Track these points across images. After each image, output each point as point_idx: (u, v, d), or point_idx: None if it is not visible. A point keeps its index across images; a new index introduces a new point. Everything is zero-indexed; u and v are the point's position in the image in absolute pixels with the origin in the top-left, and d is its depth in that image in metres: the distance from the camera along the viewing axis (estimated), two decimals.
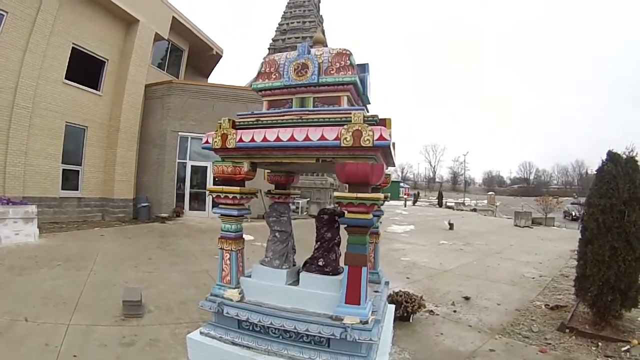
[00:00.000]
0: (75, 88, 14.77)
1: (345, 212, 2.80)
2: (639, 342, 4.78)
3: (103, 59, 15.88)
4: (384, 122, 2.78)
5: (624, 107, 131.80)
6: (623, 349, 4.66)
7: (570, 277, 7.00)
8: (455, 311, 6.04)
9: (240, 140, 2.95)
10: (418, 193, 63.25)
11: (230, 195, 3.09)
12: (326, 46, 3.46)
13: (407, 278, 7.80)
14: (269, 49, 32.24)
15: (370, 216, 2.80)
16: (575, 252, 5.78)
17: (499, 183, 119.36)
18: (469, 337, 5.01)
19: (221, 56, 24.34)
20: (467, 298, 6.69)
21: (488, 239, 15.56)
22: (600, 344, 4.84)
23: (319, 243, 3.25)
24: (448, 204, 48.09)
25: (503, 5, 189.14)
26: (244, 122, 3.09)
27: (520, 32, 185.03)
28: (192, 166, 17.26)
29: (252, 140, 2.90)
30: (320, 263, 3.18)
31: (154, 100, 17.19)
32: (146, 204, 16.14)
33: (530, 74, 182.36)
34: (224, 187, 3.11)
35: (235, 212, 3.14)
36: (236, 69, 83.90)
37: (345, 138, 2.64)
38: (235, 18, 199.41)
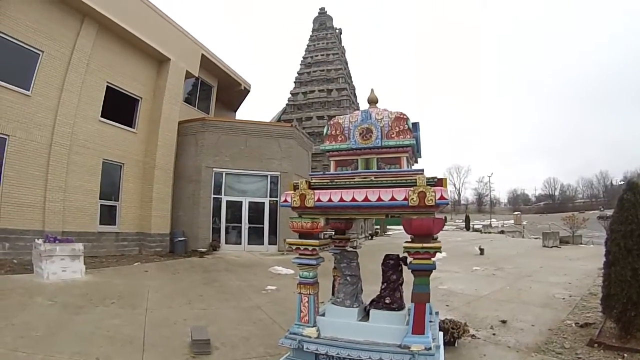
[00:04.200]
0: (110, 126, 15.21)
1: (412, 259, 3.30)
2: None
3: (137, 97, 16.40)
4: (441, 182, 3.28)
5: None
6: None
7: (598, 296, 7.24)
8: (494, 334, 6.36)
9: (319, 200, 3.46)
10: (445, 218, 63.26)
11: (310, 248, 3.60)
12: (377, 102, 4.00)
13: (447, 306, 8.12)
14: (294, 82, 33.24)
15: (432, 261, 3.31)
16: (602, 271, 6.20)
17: (524, 201, 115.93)
18: (509, 357, 5.36)
19: (249, 91, 24.59)
20: (503, 321, 7.02)
21: (518, 262, 15.66)
22: (625, 355, 5.19)
23: (385, 284, 3.75)
24: (475, 226, 47.85)
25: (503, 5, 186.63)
26: (319, 182, 3.63)
27: (522, 32, 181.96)
28: (227, 201, 17.45)
29: (330, 200, 3.42)
30: (387, 301, 3.67)
31: (188, 136, 17.61)
32: (183, 239, 16.37)
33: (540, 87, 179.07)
34: (304, 240, 3.62)
35: (314, 262, 3.65)
36: (259, 101, 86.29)
37: (412, 198, 3.15)
38: (258, 51, 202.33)
